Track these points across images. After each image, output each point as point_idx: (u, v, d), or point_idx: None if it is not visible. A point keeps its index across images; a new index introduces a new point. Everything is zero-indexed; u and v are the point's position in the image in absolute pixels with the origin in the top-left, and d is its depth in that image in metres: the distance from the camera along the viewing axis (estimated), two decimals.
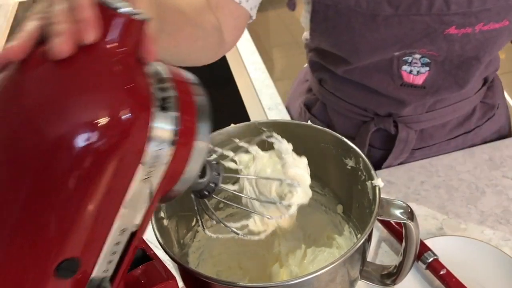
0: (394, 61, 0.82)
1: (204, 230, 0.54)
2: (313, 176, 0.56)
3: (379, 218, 0.55)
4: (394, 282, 0.63)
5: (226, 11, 0.71)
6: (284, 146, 0.56)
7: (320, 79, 0.96)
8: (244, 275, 0.70)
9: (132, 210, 0.38)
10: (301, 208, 0.74)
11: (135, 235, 0.39)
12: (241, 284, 0.51)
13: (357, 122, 0.95)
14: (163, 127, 0.36)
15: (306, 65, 1.02)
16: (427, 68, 0.82)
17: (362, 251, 0.55)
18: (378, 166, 0.96)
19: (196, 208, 0.53)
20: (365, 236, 0.52)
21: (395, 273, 0.62)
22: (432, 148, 0.95)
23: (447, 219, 0.82)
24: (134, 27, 0.35)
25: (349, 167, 0.63)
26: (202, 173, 0.47)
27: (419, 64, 0.81)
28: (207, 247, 0.70)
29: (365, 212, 0.60)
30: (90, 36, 0.34)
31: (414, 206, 0.84)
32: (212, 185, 0.48)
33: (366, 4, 0.75)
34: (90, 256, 0.37)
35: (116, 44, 0.35)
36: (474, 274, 0.72)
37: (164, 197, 0.41)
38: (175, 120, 0.36)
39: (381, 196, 0.56)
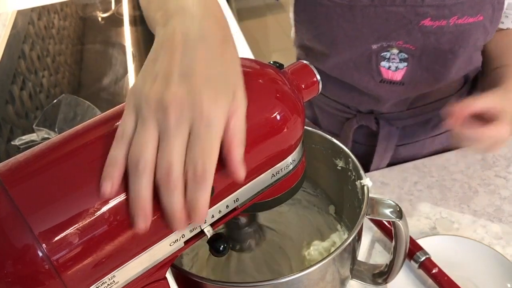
0: (373, 57, 0.83)
1: None
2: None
3: (369, 217, 0.56)
4: (385, 281, 0.63)
5: None
6: None
7: None
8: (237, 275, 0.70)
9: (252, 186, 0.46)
10: (295, 209, 0.75)
11: (236, 210, 0.46)
12: (233, 282, 0.52)
13: (341, 119, 0.97)
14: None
15: None
16: (405, 64, 0.83)
17: (352, 249, 0.56)
18: (364, 163, 0.98)
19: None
20: (354, 235, 0.53)
21: (386, 272, 0.63)
22: (415, 144, 0.97)
23: (440, 218, 0.82)
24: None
25: (339, 168, 0.64)
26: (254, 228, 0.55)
27: (397, 60, 0.83)
28: (201, 247, 0.71)
29: (356, 212, 0.61)
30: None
31: (407, 206, 0.85)
32: (248, 243, 0.55)
33: None
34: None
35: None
36: (466, 272, 0.73)
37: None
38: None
39: (372, 196, 0.57)
